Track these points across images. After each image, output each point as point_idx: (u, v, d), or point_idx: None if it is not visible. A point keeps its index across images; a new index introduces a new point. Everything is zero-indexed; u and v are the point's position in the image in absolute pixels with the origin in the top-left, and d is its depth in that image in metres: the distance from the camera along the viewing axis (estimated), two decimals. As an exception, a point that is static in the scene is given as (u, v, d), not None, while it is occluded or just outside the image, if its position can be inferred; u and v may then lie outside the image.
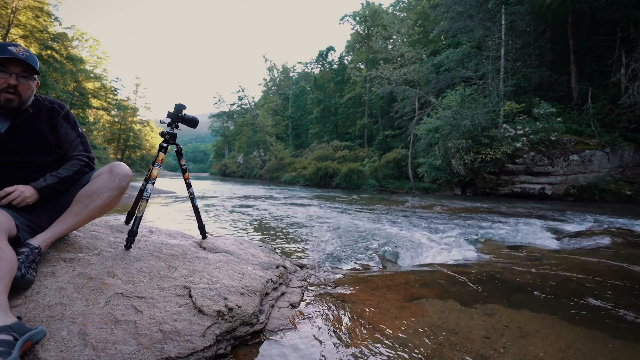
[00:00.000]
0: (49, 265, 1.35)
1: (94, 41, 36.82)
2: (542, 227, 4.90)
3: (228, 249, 2.15)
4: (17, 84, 1.36)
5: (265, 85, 54.72)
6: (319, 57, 37.34)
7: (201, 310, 1.31)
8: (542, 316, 1.74)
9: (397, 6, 32.76)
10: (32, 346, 0.97)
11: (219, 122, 52.10)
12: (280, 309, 1.70)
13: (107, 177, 1.50)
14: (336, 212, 6.80)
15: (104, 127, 42.68)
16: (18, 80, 1.36)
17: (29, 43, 24.62)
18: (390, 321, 1.63)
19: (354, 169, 20.07)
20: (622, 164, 11.96)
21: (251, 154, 38.83)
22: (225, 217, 5.89)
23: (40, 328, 0.99)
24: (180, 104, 1.93)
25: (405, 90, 18.38)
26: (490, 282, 2.32)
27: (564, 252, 3.42)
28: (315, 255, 3.17)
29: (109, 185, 1.49)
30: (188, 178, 2.11)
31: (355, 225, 4.91)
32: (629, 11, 12.65)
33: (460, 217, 6.29)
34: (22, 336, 0.92)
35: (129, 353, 1.04)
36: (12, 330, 0.92)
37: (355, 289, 2.11)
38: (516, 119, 13.57)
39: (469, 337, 1.48)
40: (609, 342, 1.48)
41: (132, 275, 1.46)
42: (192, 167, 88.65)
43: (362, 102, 29.63)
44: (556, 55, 17.06)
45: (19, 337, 0.91)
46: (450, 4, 17.05)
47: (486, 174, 12.89)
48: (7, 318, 0.95)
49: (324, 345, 1.40)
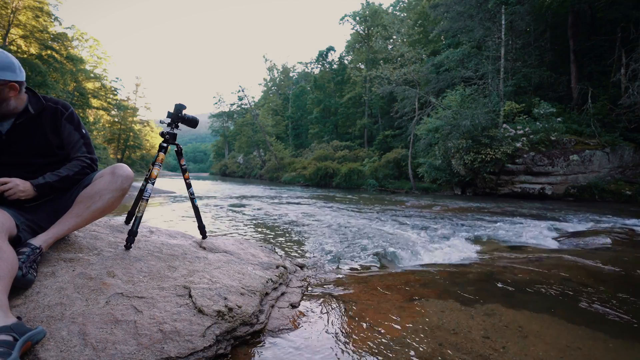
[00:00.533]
0: (49, 265, 1.35)
1: (94, 41, 36.82)
2: (542, 227, 4.90)
3: (228, 249, 2.15)
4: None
5: (265, 85, 54.72)
6: (319, 57, 37.34)
7: (201, 310, 1.31)
8: (542, 316, 1.74)
9: (397, 6, 32.77)
10: (32, 346, 0.97)
11: (219, 122, 52.10)
12: (280, 309, 1.70)
13: (109, 178, 1.50)
14: (336, 212, 6.80)
15: (104, 127, 42.67)
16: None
17: (29, 43, 24.64)
18: (390, 321, 1.63)
19: (354, 169, 20.07)
20: (622, 164, 11.96)
21: (251, 154, 38.84)
22: (225, 217, 5.89)
23: (40, 328, 0.99)
24: (180, 104, 1.93)
25: (405, 90, 18.38)
26: (490, 282, 2.31)
27: (564, 252, 3.42)
28: (315, 255, 3.17)
29: (111, 187, 1.49)
30: (188, 178, 2.11)
31: (355, 225, 4.91)
32: (629, 11, 12.65)
33: (460, 217, 6.29)
34: (22, 336, 0.92)
35: (129, 353, 1.04)
36: (12, 330, 0.92)
37: (355, 289, 2.11)
38: (516, 119, 13.57)
39: (469, 337, 1.48)
40: (609, 342, 1.48)
41: (132, 275, 1.46)
42: (192, 167, 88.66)
43: (362, 102, 29.63)
44: (556, 55, 17.05)
45: (18, 338, 0.91)
46: (450, 4, 17.05)
47: (486, 174, 12.89)
48: (7, 318, 0.95)
49: (324, 345, 1.40)
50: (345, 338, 1.46)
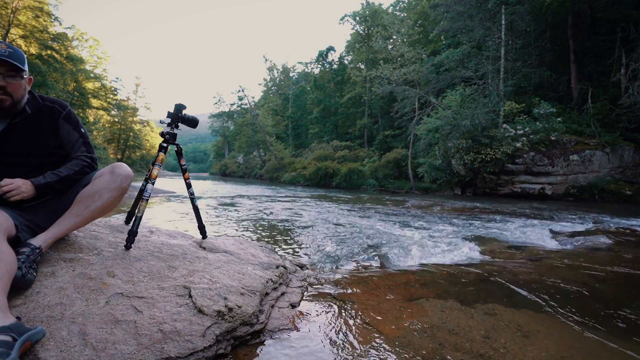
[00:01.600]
0: (49, 265, 1.35)
1: (94, 41, 36.84)
2: (542, 227, 4.90)
3: (228, 249, 2.15)
4: (5, 84, 1.30)
5: (265, 85, 54.72)
6: (319, 57, 37.34)
7: (201, 310, 1.31)
8: (542, 316, 1.74)
9: (397, 6, 32.79)
10: (31, 346, 0.97)
11: (219, 122, 52.10)
12: (280, 309, 1.70)
13: (108, 177, 1.49)
14: (336, 212, 6.80)
15: (104, 127, 42.68)
16: (5, 80, 1.30)
17: (28, 43, 24.62)
18: (390, 321, 1.63)
19: (354, 169, 20.07)
20: (622, 164, 11.96)
21: (251, 154, 38.83)
22: (225, 217, 5.89)
23: (40, 328, 0.99)
24: (180, 104, 1.93)
25: (405, 90, 18.38)
26: (490, 282, 2.32)
27: (564, 252, 3.42)
28: (315, 255, 3.17)
29: (110, 186, 1.48)
30: (188, 178, 2.11)
31: (355, 225, 4.91)
32: (629, 11, 12.65)
33: (460, 217, 6.29)
34: (21, 336, 0.91)
35: (129, 353, 1.04)
36: (11, 330, 0.91)
37: (355, 289, 2.11)
38: (516, 119, 13.57)
39: (469, 337, 1.48)
40: (609, 342, 1.48)
41: (132, 275, 1.46)
42: (192, 167, 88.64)
43: (362, 102, 29.63)
44: (556, 55, 17.05)
45: (17, 338, 0.91)
46: (450, 4, 17.05)
47: (486, 174, 12.89)
48: (6, 319, 0.95)
49: (324, 345, 1.40)
50: (345, 338, 1.46)
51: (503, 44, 14.37)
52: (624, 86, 12.29)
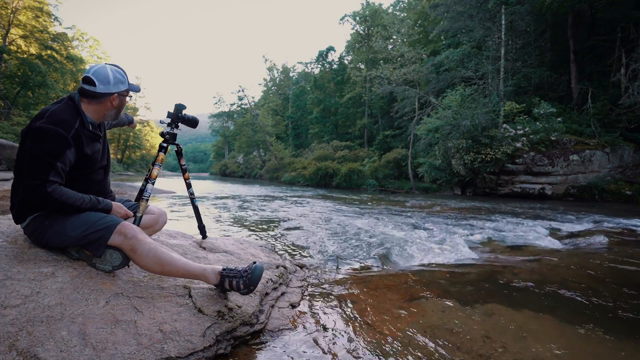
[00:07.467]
0: (49, 265, 1.35)
1: (94, 41, 36.84)
2: (542, 227, 4.90)
3: (228, 249, 2.15)
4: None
5: (265, 85, 54.66)
6: (319, 57, 37.30)
7: (201, 310, 1.31)
8: (542, 316, 1.74)
9: (397, 6, 32.75)
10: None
11: (219, 122, 52.06)
12: (280, 309, 1.70)
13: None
14: (336, 212, 6.80)
15: (104, 127, 42.61)
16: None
17: (29, 43, 24.61)
18: (390, 321, 1.63)
19: (354, 169, 20.06)
20: (622, 164, 11.95)
21: (251, 154, 38.81)
22: (225, 216, 5.89)
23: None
24: (180, 104, 1.93)
25: (405, 90, 18.37)
26: (490, 282, 2.32)
27: (563, 252, 3.42)
28: (315, 255, 3.17)
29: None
30: (188, 178, 2.11)
31: (355, 225, 4.91)
32: (629, 11, 12.64)
33: (460, 217, 6.30)
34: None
35: (129, 353, 1.04)
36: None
37: (355, 289, 2.11)
38: (516, 119, 13.56)
39: (469, 337, 1.48)
40: (609, 342, 1.48)
41: (132, 275, 1.46)
42: (192, 167, 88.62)
43: (362, 102, 29.59)
44: (556, 55, 17.05)
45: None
46: (450, 4, 17.04)
47: (486, 174, 12.89)
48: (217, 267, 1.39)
49: (324, 345, 1.40)
50: (345, 338, 1.46)
51: (503, 44, 14.36)
52: (624, 86, 12.28)
